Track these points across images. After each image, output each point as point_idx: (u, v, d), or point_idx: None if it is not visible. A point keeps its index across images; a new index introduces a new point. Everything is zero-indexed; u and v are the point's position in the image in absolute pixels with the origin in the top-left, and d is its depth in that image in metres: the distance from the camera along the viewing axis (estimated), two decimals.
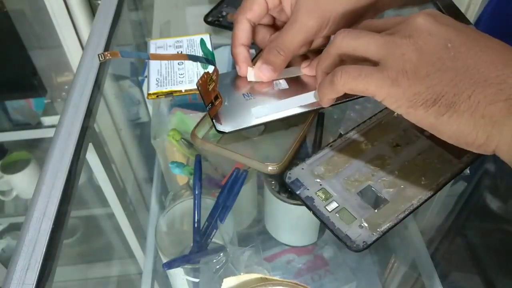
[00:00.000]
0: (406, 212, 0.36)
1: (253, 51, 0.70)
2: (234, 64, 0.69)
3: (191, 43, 0.54)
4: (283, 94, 0.41)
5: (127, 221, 0.72)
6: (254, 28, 0.42)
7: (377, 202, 0.37)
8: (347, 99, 0.41)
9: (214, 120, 0.38)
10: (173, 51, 0.55)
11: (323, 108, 0.39)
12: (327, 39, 0.42)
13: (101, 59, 0.43)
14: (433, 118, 0.28)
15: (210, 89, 0.39)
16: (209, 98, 0.39)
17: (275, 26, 0.45)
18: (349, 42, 0.32)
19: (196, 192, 0.42)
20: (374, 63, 0.30)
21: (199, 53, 0.53)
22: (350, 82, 0.30)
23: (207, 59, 0.51)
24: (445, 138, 0.29)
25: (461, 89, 0.27)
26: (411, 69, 0.28)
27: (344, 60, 0.34)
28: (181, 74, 0.51)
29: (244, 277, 0.33)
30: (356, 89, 0.31)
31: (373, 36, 0.31)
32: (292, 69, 0.43)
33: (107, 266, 0.92)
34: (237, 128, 0.38)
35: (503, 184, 0.61)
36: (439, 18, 0.30)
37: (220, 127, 0.38)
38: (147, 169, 0.80)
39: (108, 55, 0.42)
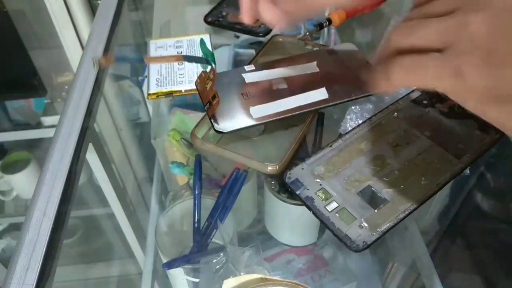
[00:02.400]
0: (406, 212, 0.36)
1: (253, 51, 0.71)
2: (234, 64, 0.69)
3: (191, 43, 0.54)
4: (283, 93, 0.41)
5: (127, 221, 0.72)
6: None
7: (377, 202, 0.37)
8: (348, 99, 0.41)
9: (212, 120, 0.38)
10: (173, 51, 0.55)
11: (323, 108, 0.39)
12: None
13: (95, 67, 0.42)
14: (504, 115, 0.24)
15: (207, 88, 0.39)
16: (207, 97, 0.39)
17: None
18: (406, 40, 0.27)
19: (196, 192, 0.42)
20: (438, 51, 0.25)
21: (199, 53, 0.53)
22: (406, 77, 0.26)
23: (204, 59, 0.51)
24: (510, 133, 0.25)
25: None
26: (480, 56, 0.23)
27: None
28: (181, 74, 0.51)
29: (244, 277, 0.33)
30: (415, 84, 0.27)
31: (430, 24, 0.26)
32: (291, 68, 0.43)
33: (107, 266, 0.92)
34: (236, 128, 0.38)
35: (503, 185, 0.61)
36: None
37: (219, 127, 0.38)
38: (147, 169, 0.80)
39: (104, 60, 0.41)
